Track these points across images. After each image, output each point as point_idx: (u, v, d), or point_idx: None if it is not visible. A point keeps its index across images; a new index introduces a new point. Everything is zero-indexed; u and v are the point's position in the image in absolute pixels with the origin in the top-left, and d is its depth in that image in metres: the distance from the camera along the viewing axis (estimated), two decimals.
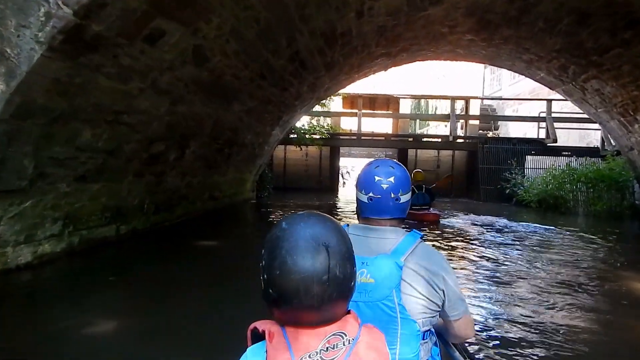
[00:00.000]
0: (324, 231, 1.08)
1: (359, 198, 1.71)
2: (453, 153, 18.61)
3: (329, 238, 1.07)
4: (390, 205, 1.66)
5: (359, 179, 1.72)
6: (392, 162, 1.74)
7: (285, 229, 1.09)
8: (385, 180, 1.65)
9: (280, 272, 1.04)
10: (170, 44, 5.28)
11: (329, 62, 9.90)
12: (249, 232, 8.62)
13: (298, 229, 1.08)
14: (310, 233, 1.06)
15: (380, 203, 1.65)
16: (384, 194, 1.65)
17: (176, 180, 8.29)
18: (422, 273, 1.55)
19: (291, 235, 1.07)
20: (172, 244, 6.96)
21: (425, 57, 13.09)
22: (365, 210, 1.69)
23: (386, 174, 1.67)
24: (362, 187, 1.69)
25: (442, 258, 1.69)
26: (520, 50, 10.92)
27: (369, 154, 19.89)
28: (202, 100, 7.25)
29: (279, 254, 1.05)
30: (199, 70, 6.33)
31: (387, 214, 1.67)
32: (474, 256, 7.10)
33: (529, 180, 14.90)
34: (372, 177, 1.67)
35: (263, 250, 1.10)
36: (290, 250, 1.04)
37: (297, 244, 1.04)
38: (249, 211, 12.27)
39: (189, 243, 7.03)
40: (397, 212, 1.68)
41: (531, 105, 19.02)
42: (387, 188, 1.65)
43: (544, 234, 9.45)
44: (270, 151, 13.58)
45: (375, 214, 1.67)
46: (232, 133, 9.48)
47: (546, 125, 16.22)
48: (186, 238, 7.43)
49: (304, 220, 1.11)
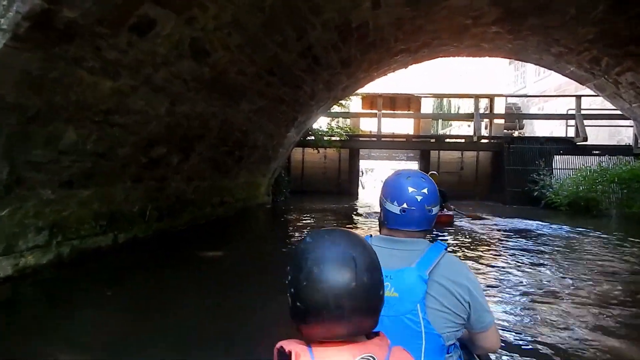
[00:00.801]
0: (349, 243, 1.09)
1: (388, 209, 1.67)
2: (477, 154, 17.79)
3: (355, 249, 1.08)
4: (423, 217, 1.65)
5: (389, 189, 1.69)
6: (421, 174, 1.72)
7: (310, 242, 1.10)
8: (419, 191, 1.63)
9: (307, 283, 1.03)
10: (163, 35, 4.77)
11: (345, 58, 9.32)
12: (259, 241, 8.05)
13: (323, 241, 1.09)
14: (336, 244, 1.07)
15: (414, 215, 1.63)
16: (418, 205, 1.63)
17: (181, 185, 7.80)
18: (447, 286, 1.53)
19: (317, 247, 1.07)
20: (173, 254, 6.44)
21: (447, 53, 12.40)
22: (395, 221, 1.66)
23: (419, 185, 1.65)
24: (393, 198, 1.65)
25: (467, 269, 1.67)
26: (549, 42, 10.17)
27: (389, 156, 19.17)
28: (206, 99, 6.73)
29: (305, 266, 1.05)
30: (199, 65, 5.81)
31: (418, 225, 1.65)
32: (501, 265, 6.58)
33: (558, 181, 14.03)
34: (404, 188, 1.64)
35: (288, 267, 1.09)
36: (317, 261, 1.04)
37: (324, 255, 1.05)
38: (262, 217, 11.73)
39: (191, 253, 6.50)
40: (427, 224, 1.67)
41: (558, 103, 18.11)
42: (421, 200, 1.63)
43: (576, 239, 8.76)
44: (286, 154, 13.04)
45: (406, 225, 1.65)
46: (241, 134, 8.96)
47: (575, 123, 15.31)
48: (189, 247, 6.91)
49: (328, 234, 1.12)
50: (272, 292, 4.49)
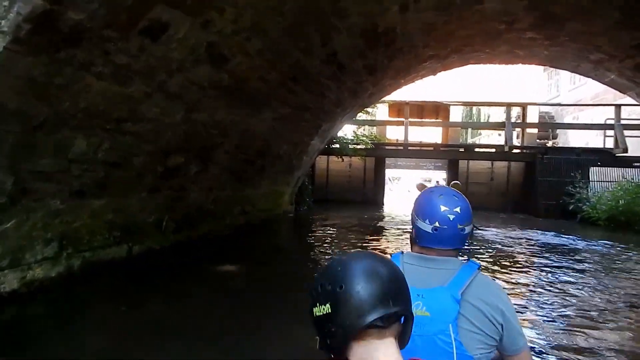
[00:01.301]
0: (376, 261, 1.09)
1: (420, 227, 1.64)
2: (508, 164, 17.12)
3: (383, 266, 1.07)
4: (455, 236, 1.62)
5: (421, 207, 1.67)
6: (454, 192, 1.69)
7: (339, 260, 1.10)
8: (451, 210, 1.60)
9: (343, 298, 1.02)
10: (177, 39, 4.52)
11: (371, 65, 8.98)
12: (276, 255, 7.73)
13: (349, 259, 1.09)
14: (364, 261, 1.08)
15: (446, 233, 1.61)
16: (451, 224, 1.60)
17: (200, 195, 7.56)
18: (480, 306, 1.51)
19: (345, 266, 1.07)
20: (187, 267, 6.17)
21: (478, 60, 11.93)
22: (427, 239, 1.64)
23: (452, 204, 1.62)
24: (425, 216, 1.63)
25: (501, 290, 1.65)
26: (589, 48, 9.62)
27: (416, 165, 18.63)
28: (225, 107, 6.48)
29: (335, 285, 1.04)
30: (216, 72, 5.55)
31: (450, 244, 1.63)
32: (532, 282, 6.27)
33: (596, 194, 13.31)
34: (437, 207, 1.62)
35: (313, 295, 1.07)
36: (349, 277, 1.04)
37: (353, 272, 1.04)
38: (284, 227, 11.43)
39: (205, 267, 6.22)
40: (459, 243, 1.65)
41: (594, 112, 17.31)
42: (453, 219, 1.60)
43: (615, 257, 8.21)
44: (309, 162, 12.74)
45: (438, 244, 1.63)
46: (263, 143, 8.69)
47: (614, 133, 14.55)
48: (204, 260, 6.63)
49: (355, 254, 1.12)
50: (285, 318, 4.24)
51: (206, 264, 6.44)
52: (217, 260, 6.66)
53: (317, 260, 7.28)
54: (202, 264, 6.45)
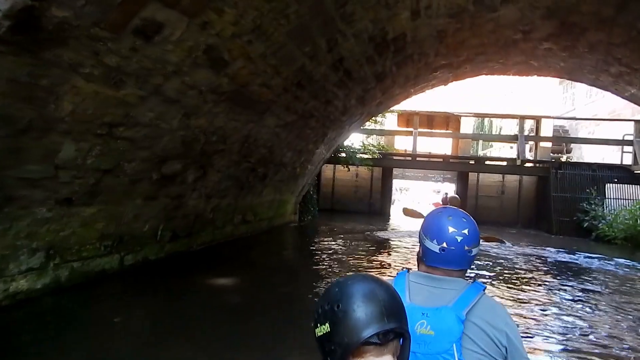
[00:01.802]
0: (372, 283, 1.12)
1: (428, 246, 1.64)
2: (520, 178, 16.70)
3: (378, 287, 1.10)
4: (462, 257, 1.61)
5: (429, 227, 1.67)
6: (463, 214, 1.68)
7: (337, 282, 1.13)
8: (459, 232, 1.60)
9: (342, 317, 1.05)
10: (173, 41, 4.28)
11: (380, 72, 8.71)
12: (279, 267, 7.44)
13: (346, 281, 1.12)
14: (361, 282, 1.11)
15: (453, 254, 1.60)
16: (458, 246, 1.60)
17: (199, 203, 7.31)
18: (484, 328, 1.50)
19: (343, 287, 1.10)
20: (182, 278, 5.91)
21: (491, 71, 11.62)
22: (434, 259, 1.63)
23: (460, 225, 1.61)
24: (433, 237, 1.63)
25: (506, 313, 1.63)
26: (609, 60, 9.28)
27: (424, 176, 18.28)
28: (226, 113, 6.24)
29: (334, 305, 1.07)
30: (216, 76, 5.31)
31: (457, 265, 1.62)
32: (542, 303, 5.99)
33: (612, 212, 12.88)
34: (445, 228, 1.62)
35: (315, 316, 1.10)
36: (346, 297, 1.07)
37: (350, 292, 1.08)
38: (286, 237, 11.15)
39: (200, 279, 5.96)
40: (466, 264, 1.65)
41: (610, 128, 16.88)
42: (461, 240, 1.60)
43: (633, 279, 7.78)
44: (314, 171, 12.47)
45: (445, 264, 1.62)
46: (266, 151, 8.43)
47: (633, 149, 14.13)
48: (201, 271, 6.38)
49: (352, 276, 1.15)
50: (285, 342, 3.95)
51: (201, 276, 6.17)
52: (213, 273, 6.39)
53: (318, 276, 6.99)
54: (198, 276, 6.19)
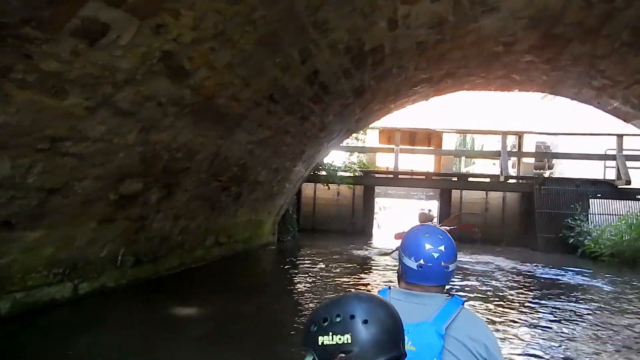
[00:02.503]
0: (372, 305, 1.10)
1: (406, 264, 1.67)
2: (504, 195, 16.44)
3: (379, 309, 1.10)
4: (439, 273, 1.64)
5: (407, 245, 1.70)
6: (440, 231, 1.72)
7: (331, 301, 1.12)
8: (436, 248, 1.63)
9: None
10: (123, 45, 3.83)
11: (358, 86, 8.36)
12: (252, 293, 6.91)
13: (346, 300, 1.11)
14: (361, 303, 1.09)
15: (430, 271, 1.63)
16: (435, 262, 1.63)
17: (165, 225, 6.79)
18: (464, 341, 1.52)
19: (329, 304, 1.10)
20: (141, 308, 5.38)
21: (473, 85, 11.38)
22: (413, 276, 1.67)
23: (437, 242, 1.65)
24: (411, 254, 1.66)
25: (485, 325, 1.67)
26: (592, 73, 9.07)
27: (407, 194, 17.90)
28: (191, 128, 5.78)
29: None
30: (177, 86, 4.87)
31: (435, 281, 1.66)
32: (524, 323, 5.74)
33: (597, 228, 12.63)
34: (422, 245, 1.65)
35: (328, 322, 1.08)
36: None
37: (373, 312, 1.07)
38: (263, 260, 10.61)
39: (162, 308, 5.42)
40: (444, 280, 1.67)
41: (591, 143, 16.80)
42: (437, 257, 1.63)
43: (620, 297, 7.47)
44: (293, 190, 12.02)
45: (423, 280, 1.65)
46: (239, 169, 7.97)
47: (616, 164, 13.96)
48: (165, 299, 5.85)
49: (353, 294, 1.14)
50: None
51: (165, 304, 5.64)
52: (179, 300, 5.86)
53: (296, 302, 6.50)
54: (161, 304, 5.66)
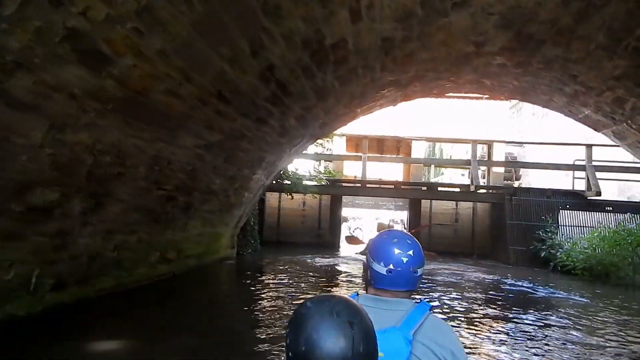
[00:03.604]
0: (347, 309, 1.09)
1: (375, 269, 1.66)
2: (474, 205, 15.99)
3: (354, 315, 1.09)
4: (408, 278, 1.65)
5: (375, 250, 1.69)
6: (408, 236, 1.72)
7: (310, 307, 1.10)
8: (405, 253, 1.64)
9: (305, 348, 1.04)
10: (7, 16, 3.00)
11: (321, 87, 7.66)
12: (197, 317, 6.06)
13: (323, 306, 1.09)
14: (336, 310, 1.08)
15: (400, 275, 1.63)
16: (404, 267, 1.63)
17: (95, 240, 5.88)
18: (431, 347, 1.52)
19: (316, 312, 1.08)
20: (50, 344, 4.45)
21: (442, 90, 10.87)
22: (382, 281, 1.66)
23: (405, 247, 1.65)
24: (380, 259, 1.66)
25: (451, 331, 1.67)
26: (565, 78, 8.61)
27: (375, 204, 17.29)
28: (121, 127, 4.94)
29: (304, 331, 1.06)
30: (94, 76, 4.04)
31: (404, 286, 1.66)
32: (498, 347, 5.23)
33: (569, 240, 12.24)
34: (391, 250, 1.65)
35: (287, 329, 1.09)
36: (316, 326, 1.05)
37: (323, 320, 1.06)
38: (220, 275, 9.72)
39: (78, 342, 4.53)
40: (412, 285, 1.68)
41: (558, 154, 16.63)
42: (407, 262, 1.63)
43: (599, 319, 6.97)
44: (253, 200, 11.19)
45: (392, 286, 1.65)
46: (187, 176, 7.13)
47: (586, 175, 13.67)
48: (88, 329, 4.94)
49: (327, 299, 1.12)
50: None
51: (84, 335, 4.73)
52: (101, 331, 4.97)
53: (249, 327, 5.67)
54: (81, 335, 4.75)
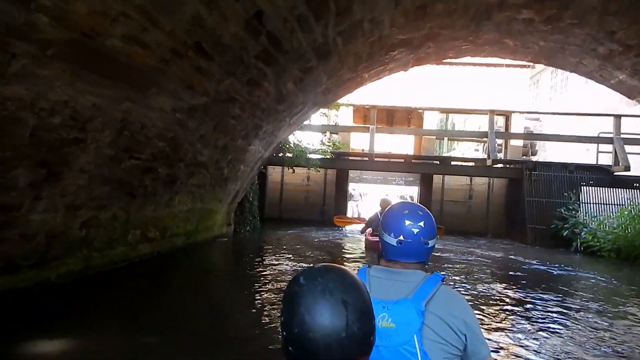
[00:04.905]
0: (342, 286, 1.03)
1: (386, 240, 1.68)
2: (490, 181, 14.99)
3: (348, 294, 1.03)
4: (419, 249, 1.66)
5: (387, 222, 1.70)
6: (419, 207, 1.73)
7: (303, 284, 1.04)
8: (415, 224, 1.64)
9: (298, 330, 1.00)
10: None
11: (321, 45, 6.69)
12: (173, 307, 5.26)
13: (316, 284, 1.03)
14: (329, 289, 1.02)
15: (410, 247, 1.65)
16: (415, 238, 1.64)
17: (54, 216, 5.08)
18: (443, 317, 1.53)
19: (309, 291, 1.02)
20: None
21: (459, 52, 9.80)
22: (393, 253, 1.67)
23: (416, 218, 1.65)
24: (391, 230, 1.67)
25: (464, 301, 1.65)
26: (600, 36, 7.56)
27: (384, 179, 16.32)
28: (70, 81, 4.06)
29: (297, 312, 1.01)
30: (21, 9, 3.15)
31: (415, 257, 1.67)
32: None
33: (593, 218, 11.26)
34: (402, 221, 1.66)
35: (281, 307, 1.05)
36: (309, 307, 1.00)
37: (315, 301, 1.00)
38: (212, 256, 8.92)
39: (17, 344, 3.74)
40: (424, 256, 1.68)
41: (579, 128, 15.54)
42: (417, 232, 1.64)
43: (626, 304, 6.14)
44: (251, 173, 10.34)
45: (403, 257, 1.66)
46: (167, 144, 6.27)
47: (613, 148, 12.59)
48: (33, 325, 4.15)
49: (321, 275, 1.05)
50: None
51: (18, 334, 3.94)
52: (44, 326, 4.17)
53: (240, 322, 4.87)
54: (20, 334, 3.96)
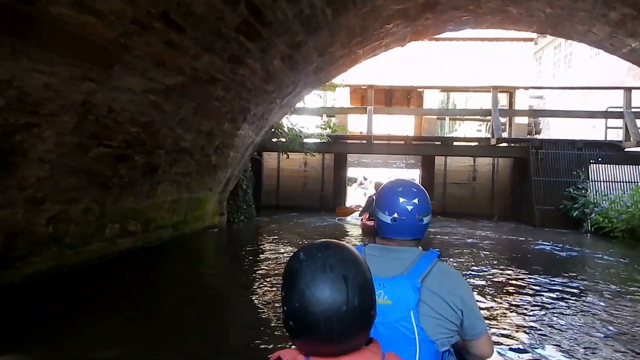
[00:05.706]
0: (342, 262, 1.06)
1: (381, 218, 1.68)
2: (494, 161, 14.41)
3: (347, 269, 1.06)
4: (414, 227, 1.66)
5: (381, 200, 1.71)
6: (414, 184, 1.73)
7: (303, 260, 1.07)
8: (410, 201, 1.65)
9: (299, 304, 1.03)
10: None
11: (309, 16, 6.10)
12: (148, 312, 4.76)
13: (316, 259, 1.06)
14: (329, 264, 1.05)
15: (405, 224, 1.65)
16: (409, 215, 1.64)
17: (14, 212, 4.57)
18: (439, 293, 1.54)
19: (308, 267, 1.05)
20: None
21: (459, 24, 9.17)
22: (387, 230, 1.68)
23: (410, 195, 1.66)
24: (385, 208, 1.67)
25: (460, 277, 1.66)
26: (612, 0, 6.95)
27: (384, 162, 15.74)
28: (11, 57, 3.51)
29: (297, 287, 1.04)
30: None
31: (410, 235, 1.67)
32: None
33: (606, 198, 10.72)
34: (396, 199, 1.66)
35: (282, 282, 1.08)
36: (309, 282, 1.03)
37: (315, 276, 1.03)
38: (201, 248, 8.40)
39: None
40: (419, 233, 1.69)
41: (581, 104, 14.93)
42: (411, 210, 1.64)
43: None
44: (242, 160, 9.80)
45: (398, 234, 1.67)
46: (142, 129, 5.73)
47: (623, 123, 11.99)
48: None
49: (321, 251, 1.08)
50: None
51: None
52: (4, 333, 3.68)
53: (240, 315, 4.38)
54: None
